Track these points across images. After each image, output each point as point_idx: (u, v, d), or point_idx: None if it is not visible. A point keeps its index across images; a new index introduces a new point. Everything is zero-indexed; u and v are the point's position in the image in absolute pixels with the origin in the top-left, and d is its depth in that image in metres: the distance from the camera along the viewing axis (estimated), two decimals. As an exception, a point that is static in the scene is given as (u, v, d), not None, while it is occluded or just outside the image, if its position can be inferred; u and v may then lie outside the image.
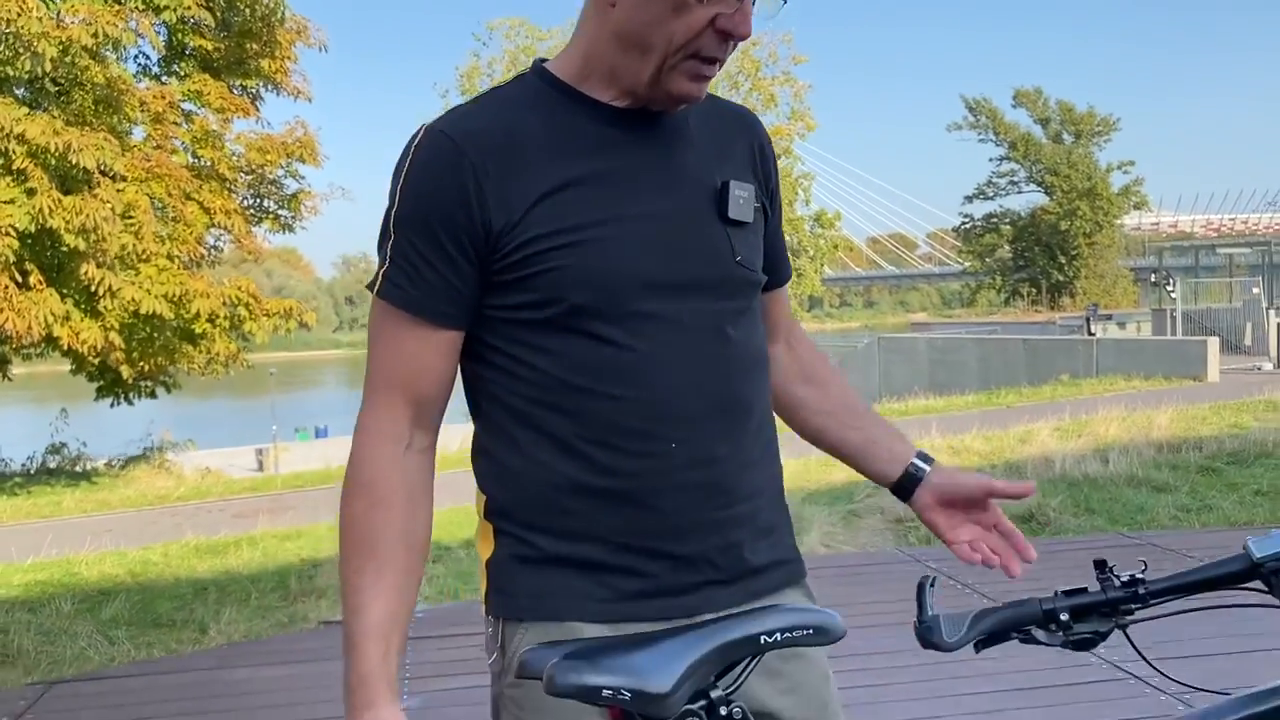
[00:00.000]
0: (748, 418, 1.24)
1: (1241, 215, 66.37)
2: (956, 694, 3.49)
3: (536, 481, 1.19)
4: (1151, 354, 19.77)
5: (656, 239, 1.17)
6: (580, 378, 1.16)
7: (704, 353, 1.20)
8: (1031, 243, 48.29)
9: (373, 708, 1.13)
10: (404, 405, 1.19)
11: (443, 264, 1.15)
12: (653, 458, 1.16)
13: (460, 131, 1.17)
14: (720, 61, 1.16)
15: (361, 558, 1.16)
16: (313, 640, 4.57)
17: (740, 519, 1.21)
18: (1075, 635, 1.24)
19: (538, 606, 1.17)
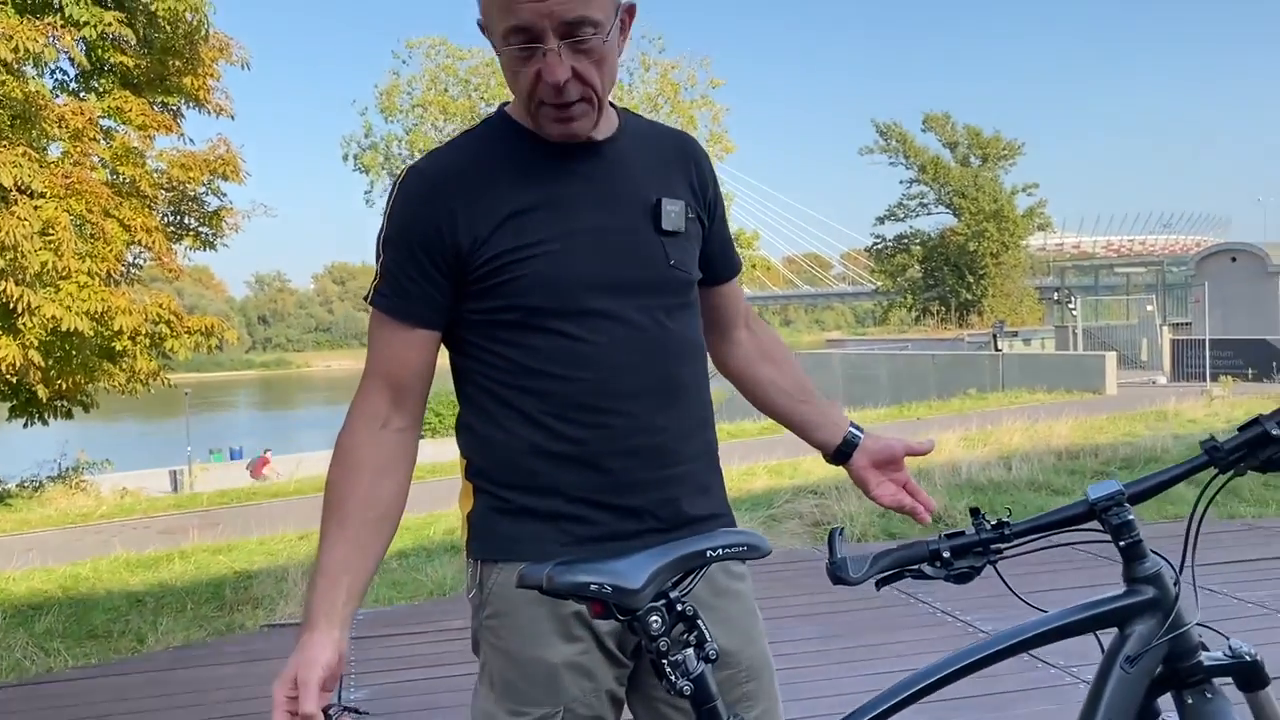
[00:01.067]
0: (684, 394, 1.48)
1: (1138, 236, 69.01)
2: (863, 674, 3.79)
3: (508, 448, 1.43)
4: (1054, 369, 20.64)
5: (600, 249, 1.41)
6: (542, 364, 1.40)
7: (645, 341, 1.44)
8: (941, 262, 49.70)
9: (311, 630, 1.34)
10: (385, 390, 1.43)
11: (421, 278, 1.40)
12: (602, 428, 1.41)
13: (435, 169, 1.43)
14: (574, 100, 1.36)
15: (329, 513, 1.40)
16: (256, 642, 4.70)
17: (677, 479, 1.46)
18: (955, 570, 1.48)
19: (510, 549, 1.41)
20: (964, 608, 4.49)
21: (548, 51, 1.32)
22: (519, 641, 1.41)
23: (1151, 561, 1.41)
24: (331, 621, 1.34)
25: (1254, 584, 4.66)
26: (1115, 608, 1.38)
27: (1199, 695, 1.37)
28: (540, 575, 1.12)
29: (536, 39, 1.31)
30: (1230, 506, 6.63)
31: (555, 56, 1.32)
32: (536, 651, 1.40)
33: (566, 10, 1.29)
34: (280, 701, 1.29)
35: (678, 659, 1.14)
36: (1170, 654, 1.38)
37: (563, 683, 1.40)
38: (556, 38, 1.31)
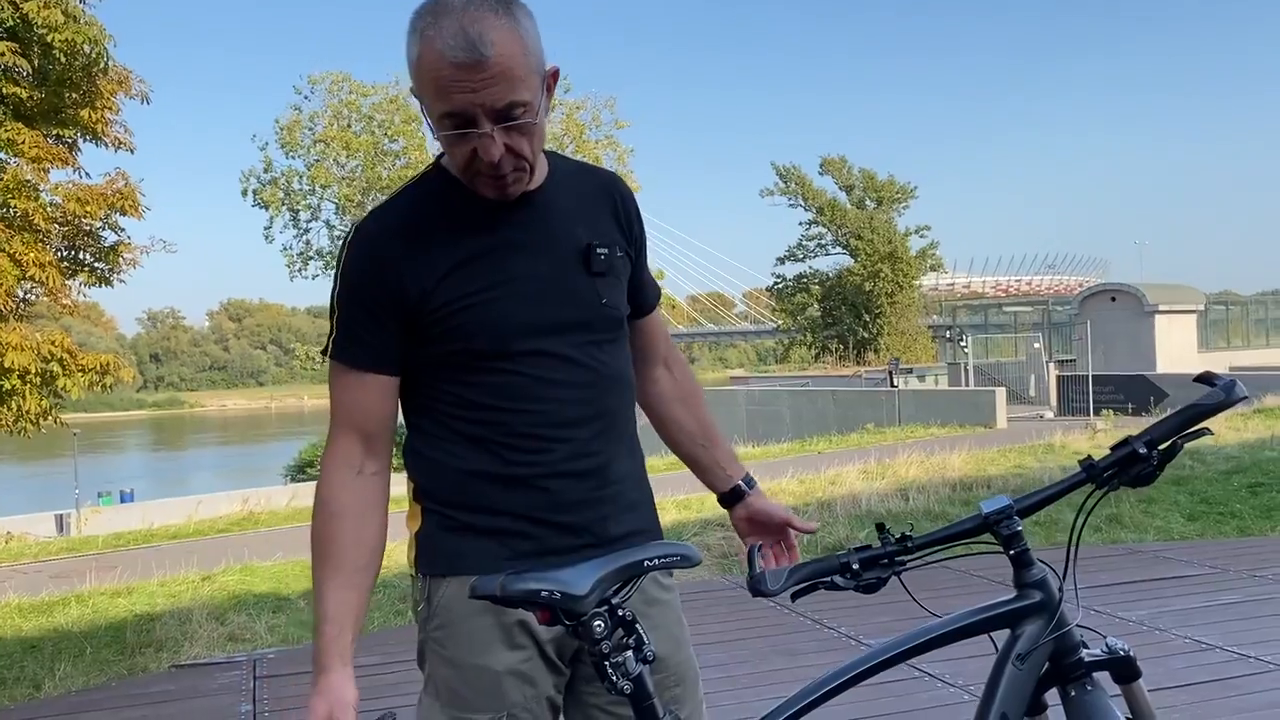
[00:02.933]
0: (615, 422, 1.61)
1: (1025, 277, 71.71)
2: (768, 697, 3.90)
3: (456, 471, 1.54)
4: (947, 404, 21.31)
5: (536, 294, 1.53)
6: (488, 399, 1.52)
7: (582, 375, 1.56)
8: (839, 302, 50.92)
9: (326, 672, 1.44)
10: (355, 439, 1.52)
11: (374, 329, 1.51)
12: (543, 454, 1.53)
13: (380, 229, 1.53)
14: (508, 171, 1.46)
15: (320, 560, 1.49)
16: (163, 683, 4.60)
17: (609, 498, 1.58)
18: (864, 580, 1.61)
19: (457, 564, 1.52)
20: (866, 632, 4.66)
21: (482, 135, 1.41)
22: (465, 651, 1.50)
23: (1038, 568, 1.56)
24: (345, 661, 1.45)
25: (1133, 604, 4.94)
26: (1007, 610, 1.53)
27: (1080, 688, 1.53)
28: (493, 585, 1.21)
29: (470, 124, 1.41)
30: (1113, 532, 7.00)
31: (489, 139, 1.42)
32: (482, 659, 1.49)
33: (498, 99, 1.39)
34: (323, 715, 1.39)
35: (619, 660, 1.24)
36: (1056, 651, 1.53)
37: (506, 689, 1.49)
38: (490, 121, 1.40)
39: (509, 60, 1.38)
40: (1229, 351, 30.61)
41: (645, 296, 1.73)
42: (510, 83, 1.39)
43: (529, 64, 1.42)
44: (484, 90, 1.38)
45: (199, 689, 4.46)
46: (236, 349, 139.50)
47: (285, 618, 6.12)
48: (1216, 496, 8.03)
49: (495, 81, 1.38)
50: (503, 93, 1.39)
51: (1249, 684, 3.84)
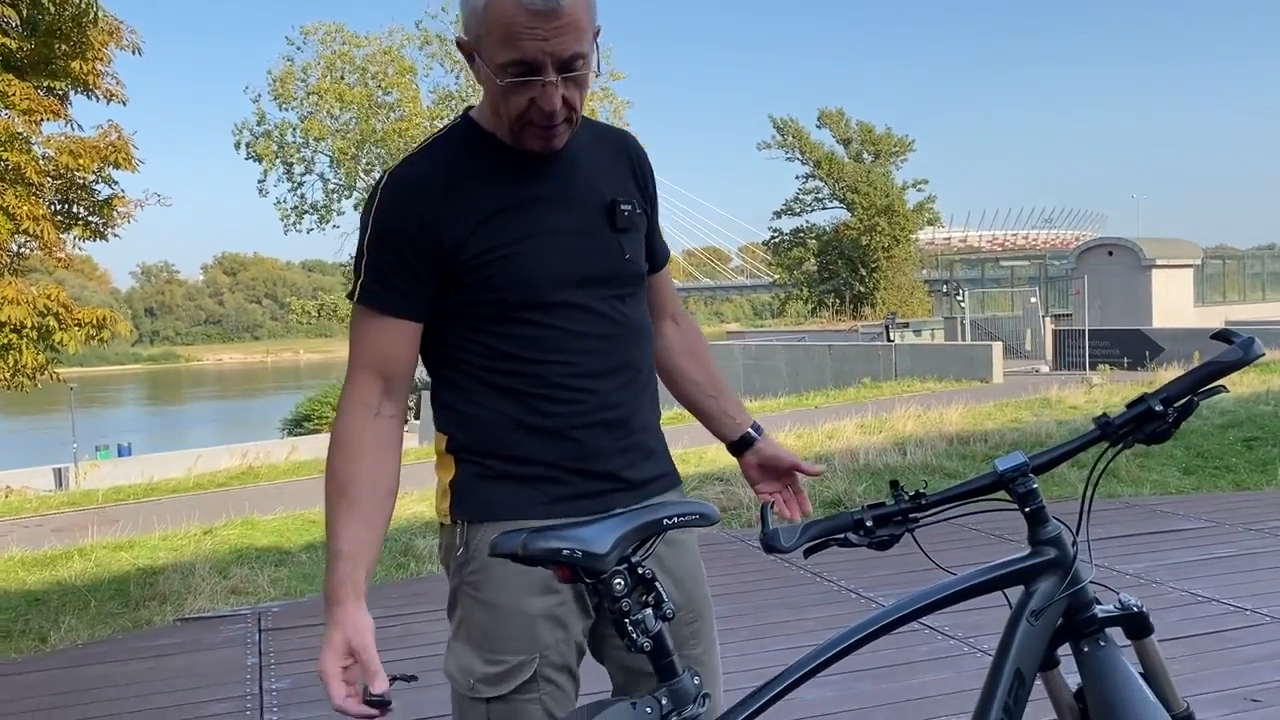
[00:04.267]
0: (638, 374, 1.65)
1: (1022, 231, 71.51)
2: (772, 649, 3.95)
3: (490, 423, 1.56)
4: (944, 358, 21.33)
5: (565, 247, 1.56)
6: (519, 350, 1.55)
7: (607, 328, 1.59)
8: (835, 256, 50.77)
9: (341, 604, 1.44)
10: (375, 381, 1.53)
11: (406, 274, 1.52)
12: (572, 404, 1.56)
13: (415, 175, 1.54)
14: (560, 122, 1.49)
15: (336, 497, 1.49)
16: (169, 636, 4.64)
17: (633, 446, 1.63)
18: (877, 537, 1.62)
19: (493, 510, 1.55)
20: (867, 585, 4.70)
21: (546, 83, 1.44)
22: (500, 594, 1.53)
23: (1053, 525, 1.56)
24: (359, 595, 1.45)
25: (1130, 557, 4.99)
26: (1022, 567, 1.54)
27: (1093, 644, 1.54)
28: (515, 543, 1.21)
29: (535, 72, 1.43)
30: (1109, 486, 7.03)
31: (553, 88, 1.45)
32: (517, 603, 1.52)
33: (565, 49, 1.42)
34: (335, 671, 1.38)
35: (638, 618, 1.25)
36: (1069, 607, 1.54)
37: (539, 631, 1.52)
38: (554, 71, 1.43)
39: (578, 11, 1.41)
40: (1225, 306, 30.63)
41: (657, 254, 1.77)
42: (577, 33, 1.42)
43: (590, 17, 1.45)
44: (554, 39, 1.40)
45: (204, 641, 4.49)
46: (231, 303, 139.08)
47: (288, 571, 6.15)
48: (1212, 451, 8.07)
49: (565, 31, 1.40)
50: (570, 43, 1.41)
51: (1245, 636, 3.88)
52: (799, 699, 3.48)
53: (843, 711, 3.38)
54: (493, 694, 1.52)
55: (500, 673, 1.52)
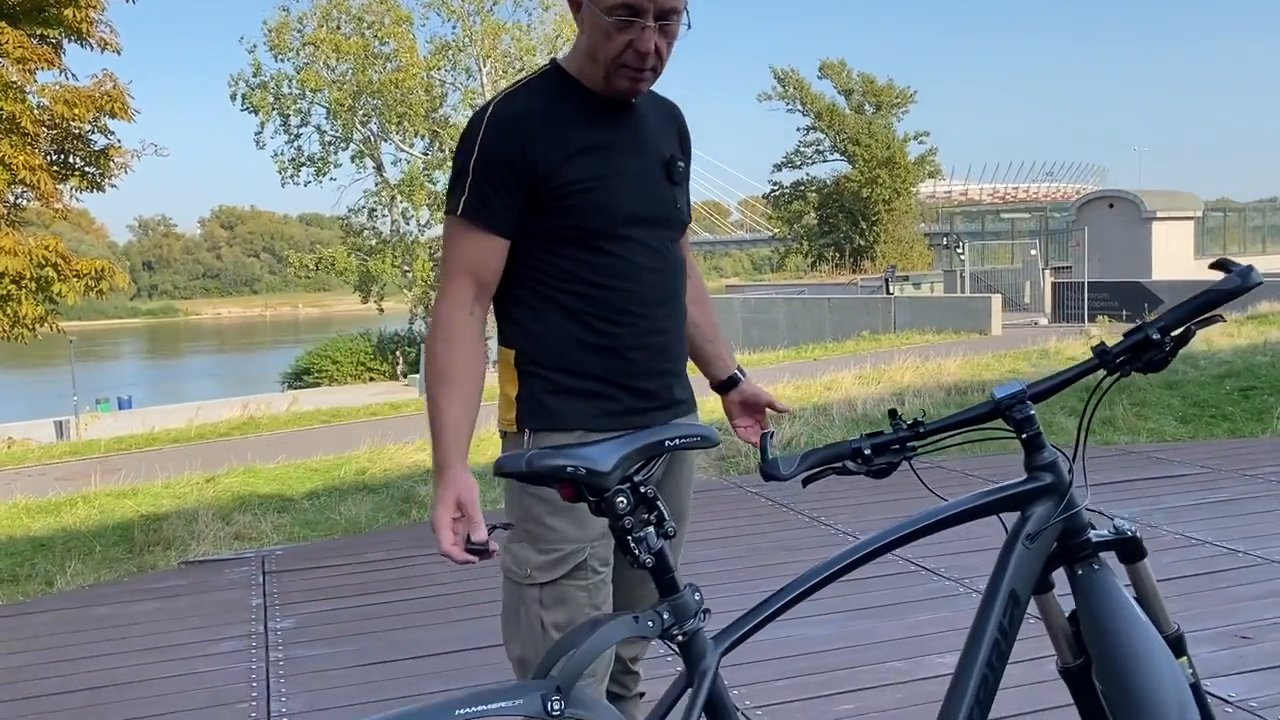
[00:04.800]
0: (679, 307, 1.90)
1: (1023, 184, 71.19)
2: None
3: (555, 339, 1.78)
4: (943, 310, 21.34)
5: (636, 189, 1.78)
6: (589, 273, 1.76)
7: (662, 264, 1.83)
8: (835, 209, 50.50)
9: (449, 467, 1.63)
10: (470, 285, 1.74)
11: (504, 195, 1.72)
12: (629, 327, 1.79)
13: (518, 108, 1.74)
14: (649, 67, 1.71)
15: (438, 381, 1.70)
16: (174, 579, 4.69)
17: (672, 370, 1.88)
18: (875, 466, 1.64)
19: (558, 420, 1.77)
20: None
21: (645, 28, 1.66)
22: None
23: (1049, 451, 1.58)
24: (464, 460, 1.66)
25: (1125, 502, 5.03)
26: (1018, 492, 1.56)
27: (1088, 567, 1.56)
28: (520, 462, 1.23)
29: (639, 15, 1.66)
30: (1106, 435, 7.08)
31: (651, 32, 1.67)
32: None
33: (666, 1, 1.65)
34: (446, 522, 1.56)
35: (641, 536, 1.27)
36: (1064, 532, 1.56)
37: (588, 525, 1.70)
38: (653, 19, 1.66)
39: None
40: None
41: (687, 215, 1.99)
42: None
43: None
44: None
45: (209, 584, 4.55)
46: (229, 257, 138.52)
47: (290, 517, 6.20)
48: (1209, 400, 8.10)
49: None
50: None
51: (1237, 576, 3.93)
52: (798, 636, 3.55)
53: (840, 648, 3.43)
54: (546, 579, 1.73)
55: (553, 560, 1.73)
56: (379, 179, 34.69)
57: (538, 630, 1.74)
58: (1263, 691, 2.96)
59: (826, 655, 3.38)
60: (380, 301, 36.83)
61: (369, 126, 33.65)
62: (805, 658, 3.37)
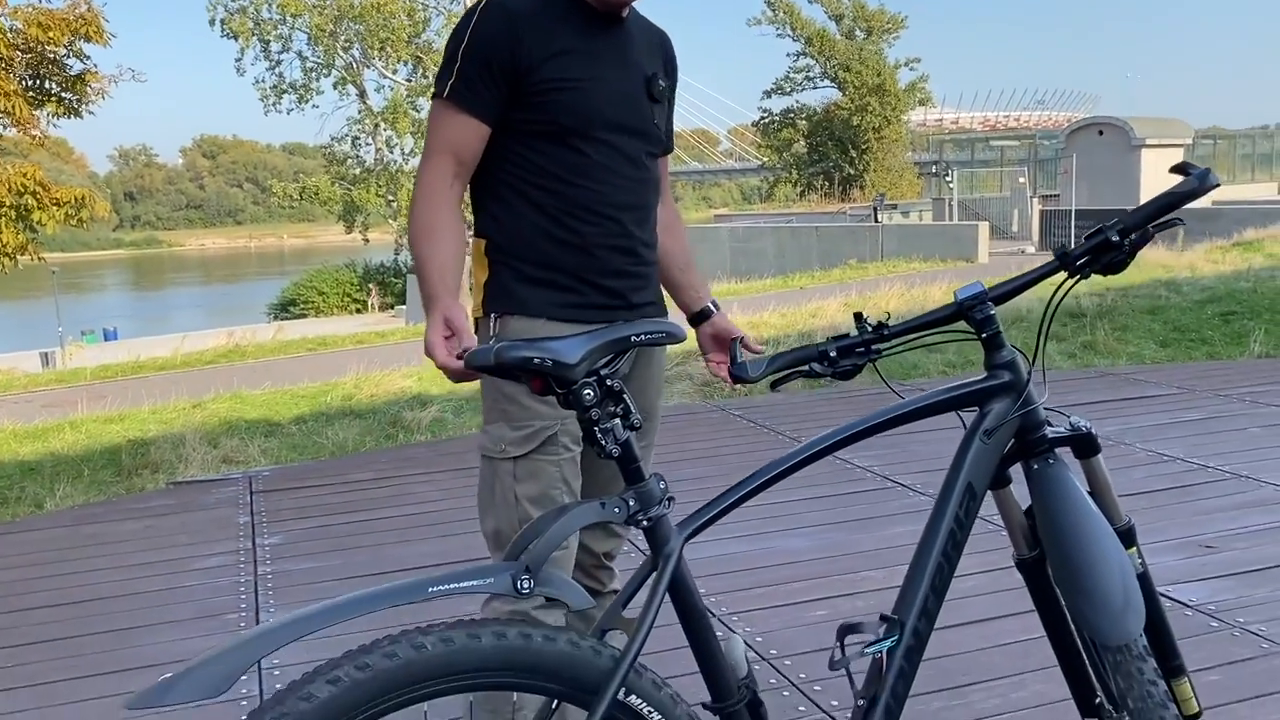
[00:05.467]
0: (649, 215, 1.96)
1: (1014, 113, 70.53)
2: (746, 507, 4.07)
3: (524, 232, 1.85)
4: (930, 238, 21.32)
5: (614, 96, 1.85)
6: (561, 170, 1.83)
7: (633, 172, 1.89)
8: (825, 137, 50.04)
9: (438, 299, 1.72)
10: (450, 162, 1.82)
11: (489, 83, 1.79)
12: (598, 227, 1.86)
13: (511, 5, 1.80)
14: None
15: (423, 237, 1.79)
16: (162, 499, 4.75)
17: (640, 274, 1.94)
18: (841, 368, 1.66)
19: (522, 306, 1.84)
20: (896, 471, 4.82)
21: None
22: None
23: (1008, 351, 1.62)
24: (452, 294, 1.74)
25: (1100, 421, 5.11)
26: (978, 389, 1.60)
27: (1043, 462, 1.61)
28: (488, 355, 1.26)
29: None
30: (1086, 358, 7.16)
31: None
32: None
33: None
34: (439, 340, 1.66)
35: (607, 427, 1.31)
36: (1021, 427, 1.61)
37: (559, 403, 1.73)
38: None
39: None
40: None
41: (668, 142, 2.05)
42: None
43: None
44: None
45: (197, 503, 4.61)
46: (212, 187, 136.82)
47: (278, 442, 6.25)
48: (1189, 325, 8.18)
49: None
50: None
51: (1205, 490, 4.02)
52: (776, 548, 3.63)
53: (816, 559, 3.52)
54: (518, 453, 1.82)
55: (526, 434, 1.82)
56: (362, 106, 34.20)
57: (511, 503, 1.83)
58: (1221, 597, 3.05)
59: (802, 566, 3.47)
60: (365, 232, 36.56)
61: (351, 52, 33.07)
62: (782, 568, 3.45)
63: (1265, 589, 3.09)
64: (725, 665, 1.39)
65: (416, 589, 1.20)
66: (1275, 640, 2.76)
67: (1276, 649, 2.72)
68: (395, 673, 1.16)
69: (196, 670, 1.08)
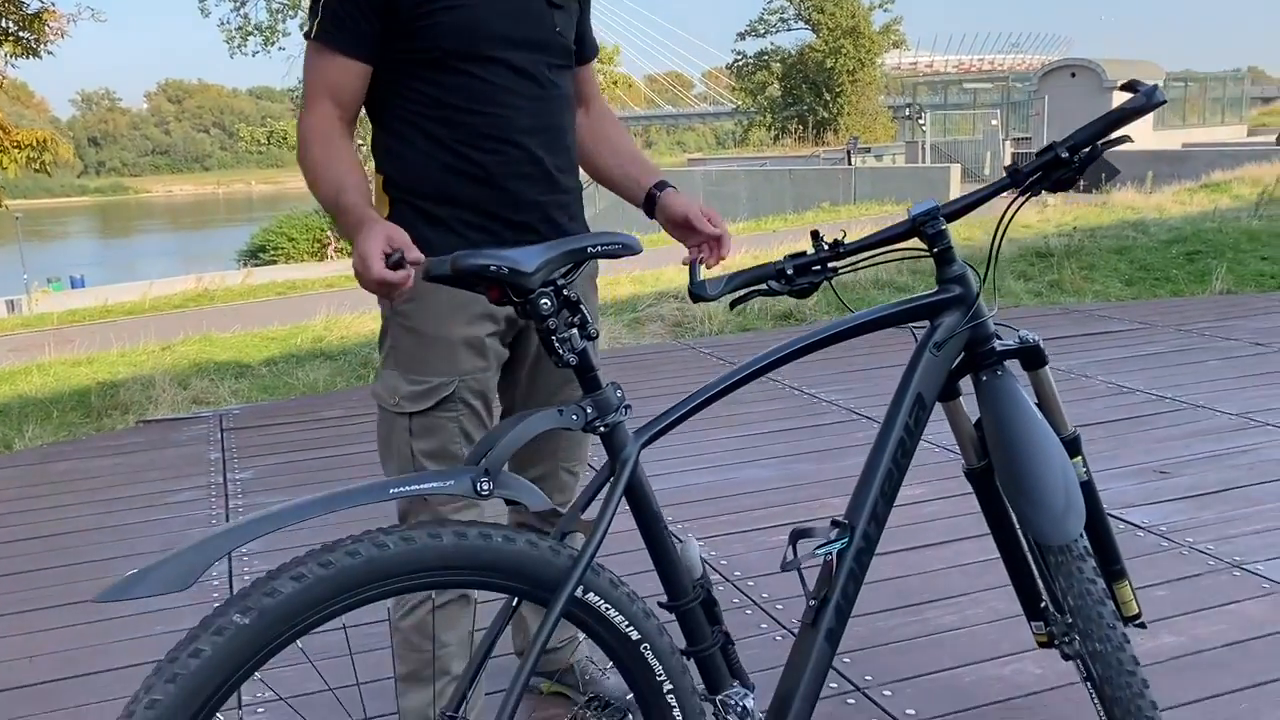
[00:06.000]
0: (562, 137, 1.80)
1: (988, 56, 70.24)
2: (720, 437, 4.14)
3: (422, 167, 1.71)
4: (902, 181, 21.35)
5: (503, 9, 1.68)
6: (452, 97, 1.69)
7: (535, 91, 1.74)
8: (799, 80, 49.82)
9: (365, 221, 1.54)
10: (332, 108, 1.68)
11: (359, 17, 1.64)
12: (499, 155, 1.71)
13: None
14: None
15: (325, 176, 1.64)
16: (132, 436, 4.75)
17: (557, 204, 1.80)
18: (797, 285, 1.70)
19: (423, 248, 1.61)
20: (810, 383, 4.88)
21: None
22: (427, 321, 1.72)
23: (959, 265, 1.66)
24: (377, 215, 1.58)
25: (1063, 355, 5.20)
26: (928, 302, 1.64)
27: (992, 374, 1.66)
28: (445, 265, 1.28)
29: None
30: (1052, 296, 7.24)
31: None
32: (441, 330, 1.72)
33: None
34: (376, 252, 1.45)
35: (565, 336, 1.34)
36: (971, 340, 1.65)
37: (459, 357, 1.72)
38: None
39: None
40: (1184, 129, 30.60)
41: (585, 44, 1.93)
42: None
43: None
44: None
45: (168, 440, 4.61)
46: (178, 132, 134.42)
47: (248, 383, 6.25)
48: (1155, 264, 8.28)
49: None
50: None
51: (1161, 420, 4.11)
52: (739, 478, 3.70)
53: (779, 488, 3.58)
54: (414, 409, 1.73)
55: (422, 391, 1.73)
56: (330, 49, 33.64)
57: (408, 457, 1.75)
58: (1172, 519, 3.14)
59: (766, 494, 3.53)
60: (336, 177, 36.14)
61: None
62: (746, 496, 3.52)
63: (1213, 511, 3.19)
64: (680, 565, 1.43)
65: (378, 489, 1.23)
66: (1221, 557, 2.86)
67: (1222, 565, 2.81)
68: (358, 570, 1.20)
69: (163, 565, 1.11)
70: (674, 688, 1.38)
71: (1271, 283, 7.35)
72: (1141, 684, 1.51)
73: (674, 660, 1.38)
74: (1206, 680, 2.27)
